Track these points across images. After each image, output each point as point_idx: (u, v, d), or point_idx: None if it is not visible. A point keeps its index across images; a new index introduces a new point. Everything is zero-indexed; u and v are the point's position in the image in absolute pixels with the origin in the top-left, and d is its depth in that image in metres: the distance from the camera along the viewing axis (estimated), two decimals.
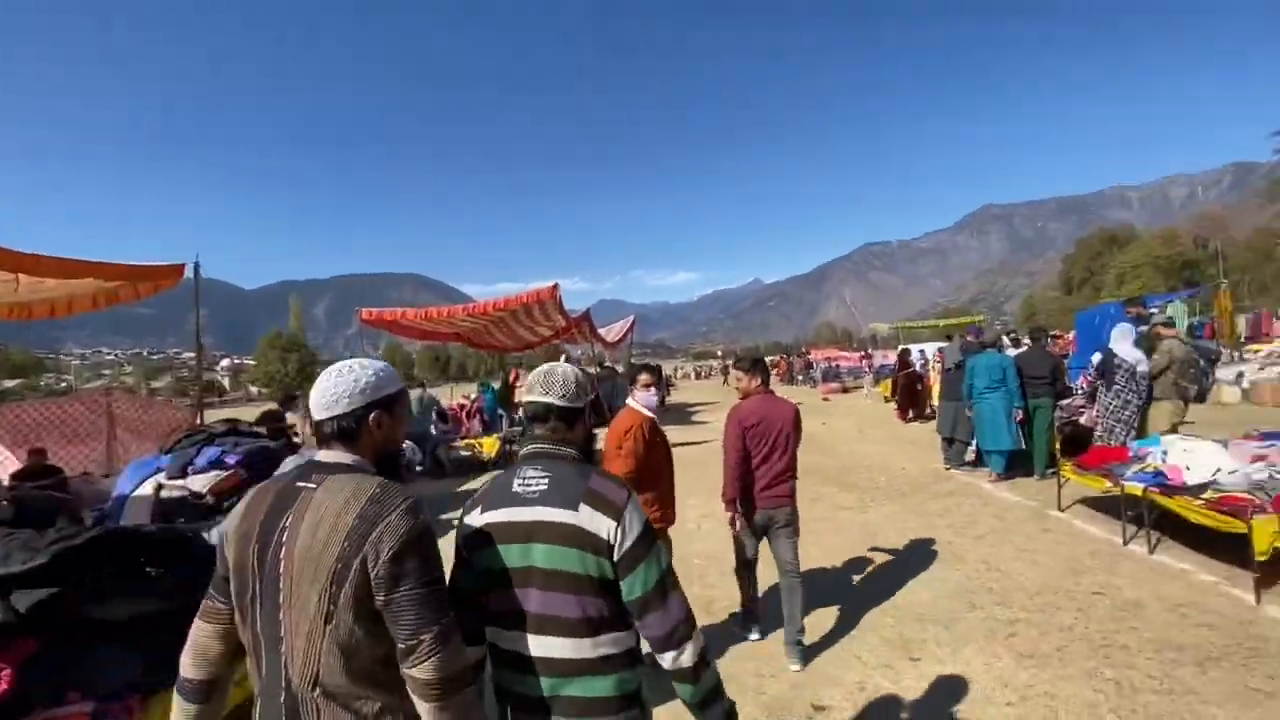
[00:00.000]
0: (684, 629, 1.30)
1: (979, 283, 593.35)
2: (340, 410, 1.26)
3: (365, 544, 1.11)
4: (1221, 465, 4.27)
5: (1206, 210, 75.79)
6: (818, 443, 11.32)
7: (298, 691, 1.13)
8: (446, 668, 1.11)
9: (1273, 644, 3.14)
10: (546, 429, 1.44)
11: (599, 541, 1.27)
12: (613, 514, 1.29)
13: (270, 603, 1.16)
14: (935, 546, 5.09)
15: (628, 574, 1.28)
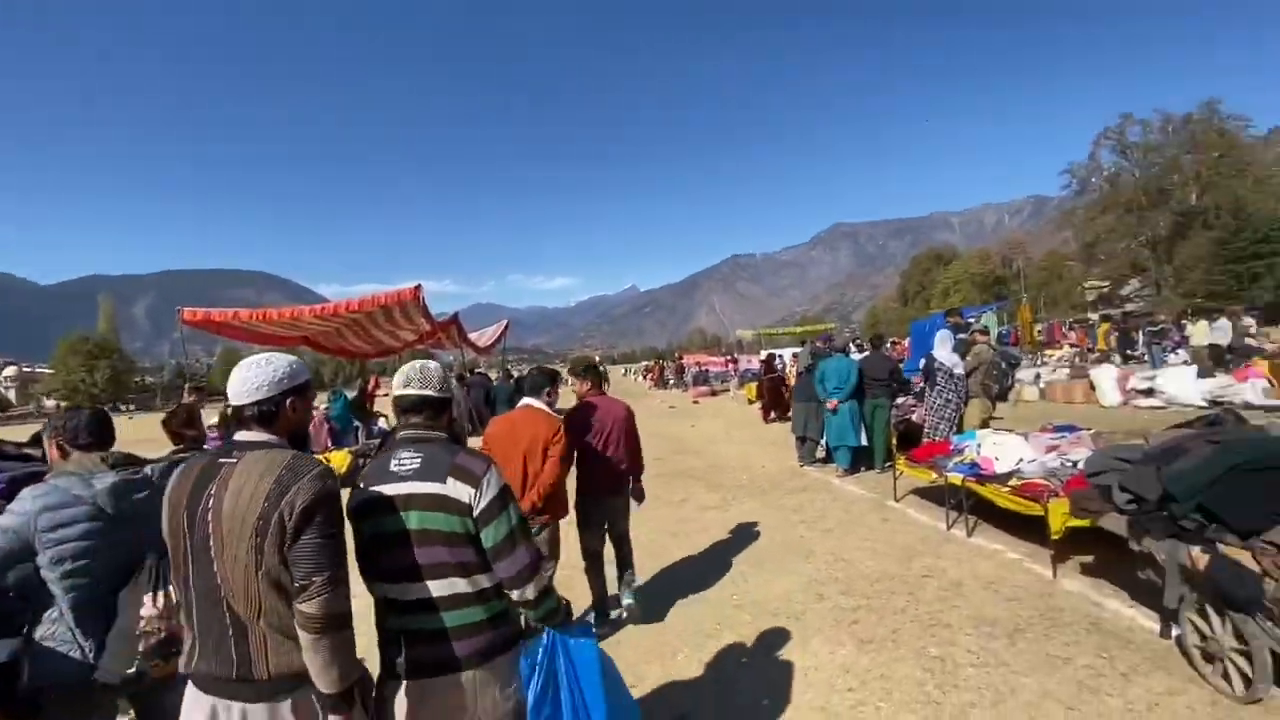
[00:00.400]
0: (527, 572, 1.66)
1: (831, 294, 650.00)
2: (261, 396, 1.48)
3: (282, 500, 1.35)
4: (1024, 455, 4.83)
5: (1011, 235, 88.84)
6: (687, 444, 11.59)
7: (246, 623, 1.37)
8: (331, 607, 1.36)
9: (1067, 613, 3.55)
10: (421, 418, 1.74)
11: (462, 505, 1.60)
12: (473, 482, 1.61)
13: (203, 558, 1.39)
14: (790, 541, 5.32)
15: (484, 528, 1.61)
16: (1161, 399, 10.73)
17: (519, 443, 3.31)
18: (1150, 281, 50.19)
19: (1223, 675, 2.67)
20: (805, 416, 7.88)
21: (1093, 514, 3.44)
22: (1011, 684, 2.90)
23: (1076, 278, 54.74)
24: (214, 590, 1.39)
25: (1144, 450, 3.22)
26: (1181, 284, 44.09)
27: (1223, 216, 42.76)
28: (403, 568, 1.58)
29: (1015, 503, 4.34)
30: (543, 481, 3.28)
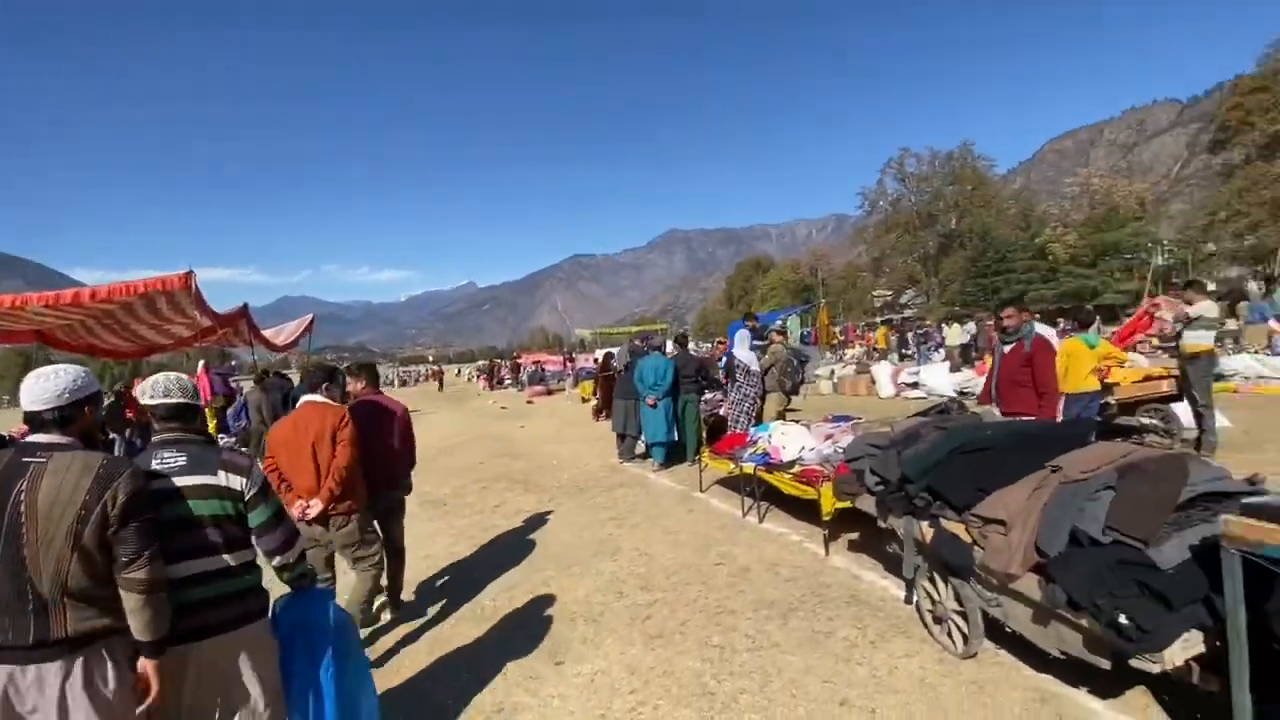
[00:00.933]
0: (286, 545, 2.06)
1: (667, 296, 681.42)
2: (62, 402, 1.76)
3: (104, 494, 1.66)
4: (805, 444, 5.24)
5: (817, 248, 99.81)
6: (514, 446, 11.21)
7: (48, 598, 1.62)
8: (156, 574, 1.72)
9: (833, 589, 3.86)
10: (179, 423, 2.01)
11: (234, 492, 1.95)
12: (243, 473, 1.97)
13: (12, 544, 1.60)
14: (599, 539, 5.26)
15: (251, 511, 1.98)
16: (924, 390, 12.56)
17: (306, 435, 3.32)
18: (922, 291, 59.30)
19: (948, 634, 3.03)
20: (624, 414, 7.95)
21: (851, 496, 3.77)
22: (780, 664, 3.05)
23: (867, 286, 62.89)
24: (19, 571, 1.60)
25: (889, 437, 3.60)
26: (944, 293, 52.69)
27: (974, 239, 51.82)
28: (177, 549, 1.83)
29: (796, 488, 4.67)
30: (337, 466, 3.29)
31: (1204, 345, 6.16)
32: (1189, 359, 6.11)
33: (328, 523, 3.37)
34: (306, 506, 3.27)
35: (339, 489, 3.29)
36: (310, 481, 3.30)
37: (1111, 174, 66.46)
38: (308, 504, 3.27)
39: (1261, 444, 6.26)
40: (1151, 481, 2.30)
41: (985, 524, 2.68)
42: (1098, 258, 43.86)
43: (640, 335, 8.12)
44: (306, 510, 3.26)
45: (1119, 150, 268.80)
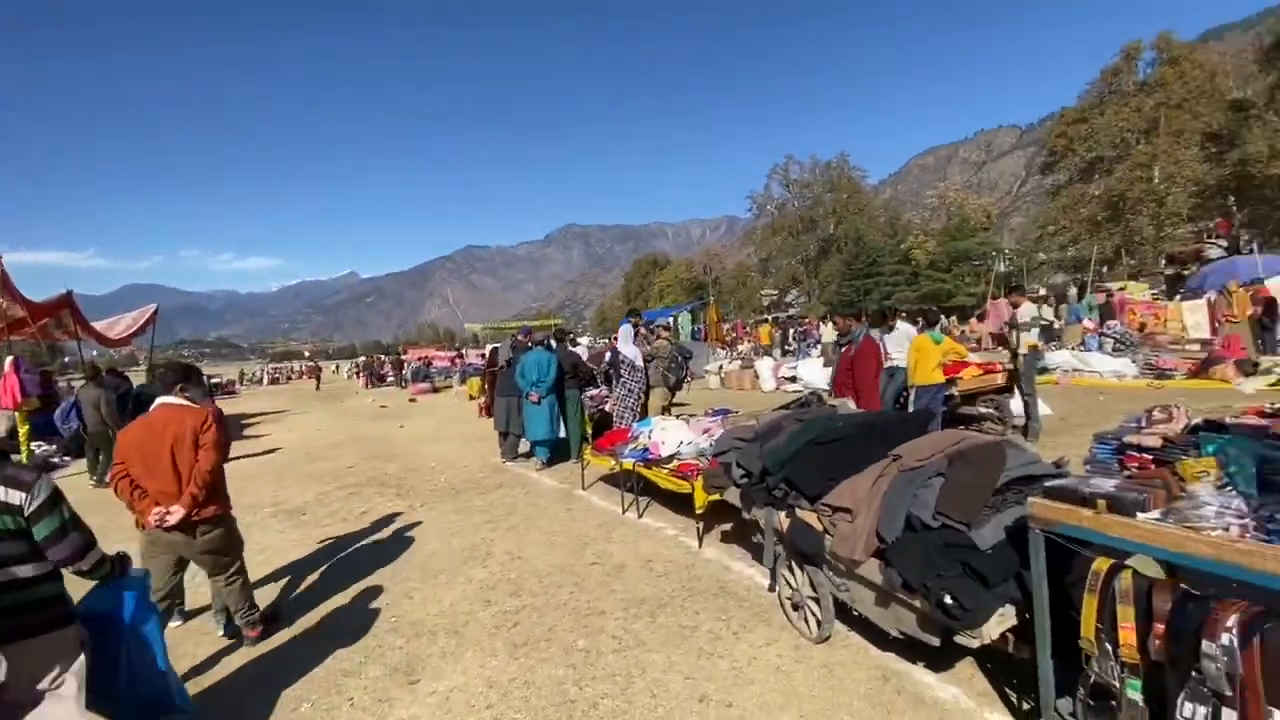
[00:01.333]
0: (79, 553, 2.16)
1: (565, 291, 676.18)
2: None
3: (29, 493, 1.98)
4: (684, 438, 5.29)
5: (711, 247, 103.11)
6: (389, 448, 10.52)
7: None
8: None
9: (703, 581, 3.89)
10: None
11: (13, 507, 2.00)
12: (24, 488, 2.02)
13: None
14: (471, 545, 5.00)
15: (35, 525, 2.04)
16: (801, 384, 13.25)
17: (164, 439, 3.16)
18: (804, 291, 63.00)
19: (804, 620, 3.12)
20: (506, 411, 7.67)
21: (719, 489, 3.83)
22: (644, 663, 3.00)
23: (756, 286, 65.90)
24: None
25: (754, 430, 3.68)
26: (824, 294, 56.32)
27: (849, 244, 55.77)
28: None
29: (672, 483, 4.69)
30: (200, 470, 3.17)
31: (1029, 342, 6.97)
32: (1019, 355, 6.89)
33: (194, 530, 3.23)
34: (166, 512, 3.10)
35: (202, 494, 3.18)
36: (169, 486, 3.16)
37: (964, 189, 74.04)
38: (167, 510, 3.11)
39: (1074, 429, 7.13)
40: (974, 468, 2.49)
41: (834, 512, 2.78)
42: (952, 263, 48.73)
43: (522, 329, 7.87)
44: (165, 517, 3.10)
45: (971, 167, 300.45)
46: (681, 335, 20.44)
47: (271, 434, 13.79)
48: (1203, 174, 38.98)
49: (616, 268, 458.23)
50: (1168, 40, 42.08)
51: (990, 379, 6.93)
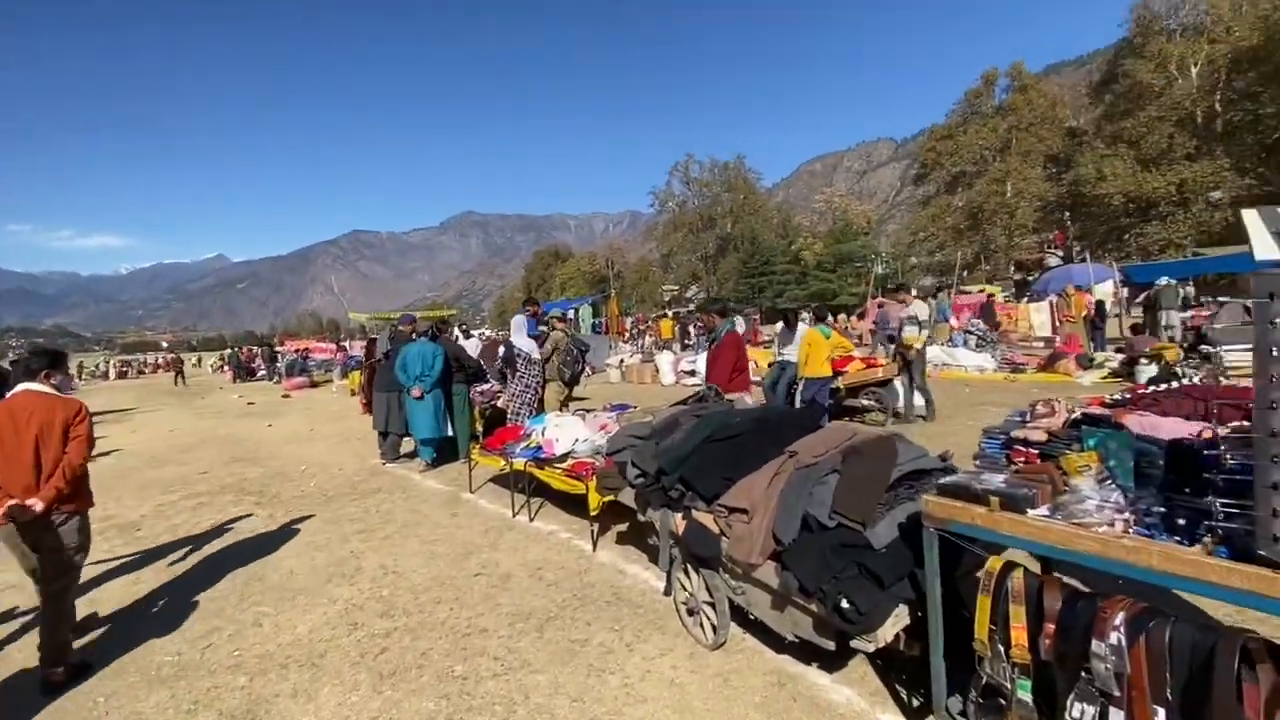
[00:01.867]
0: None
1: (462, 281, 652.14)
2: None
3: None
4: (579, 435, 5.03)
5: (614, 241, 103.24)
6: (254, 449, 9.43)
7: None
8: None
9: (596, 589, 3.66)
10: None
11: None
12: None
13: None
14: (338, 559, 4.46)
15: None
16: (699, 378, 13.42)
17: (27, 428, 3.02)
18: (704, 287, 64.65)
19: (700, 626, 2.98)
20: (386, 408, 7.03)
21: (613, 490, 3.62)
22: (528, 687, 2.73)
23: (658, 281, 66.80)
24: None
25: (651, 427, 3.50)
26: (721, 290, 58.08)
27: (745, 243, 57.85)
28: None
29: (565, 483, 4.42)
30: (70, 464, 3.05)
31: (911, 339, 7.41)
32: (908, 349, 7.32)
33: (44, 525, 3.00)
34: (22, 505, 2.90)
35: (69, 489, 3.06)
36: (28, 479, 3.00)
37: (848, 195, 79.20)
38: (23, 501, 2.92)
39: (946, 419, 7.62)
40: (867, 463, 2.44)
41: (730, 513, 2.65)
42: (837, 264, 51.88)
43: (404, 318, 7.24)
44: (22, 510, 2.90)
45: (854, 176, 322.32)
46: (582, 328, 20.13)
47: (110, 435, 11.97)
48: (1045, 191, 44.04)
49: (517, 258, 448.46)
50: (1019, 69, 47.10)
51: (873, 373, 7.27)
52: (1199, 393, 4.98)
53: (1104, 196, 37.92)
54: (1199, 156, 34.92)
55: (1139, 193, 36.06)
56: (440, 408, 6.62)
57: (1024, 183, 43.95)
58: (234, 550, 4.85)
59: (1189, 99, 35.72)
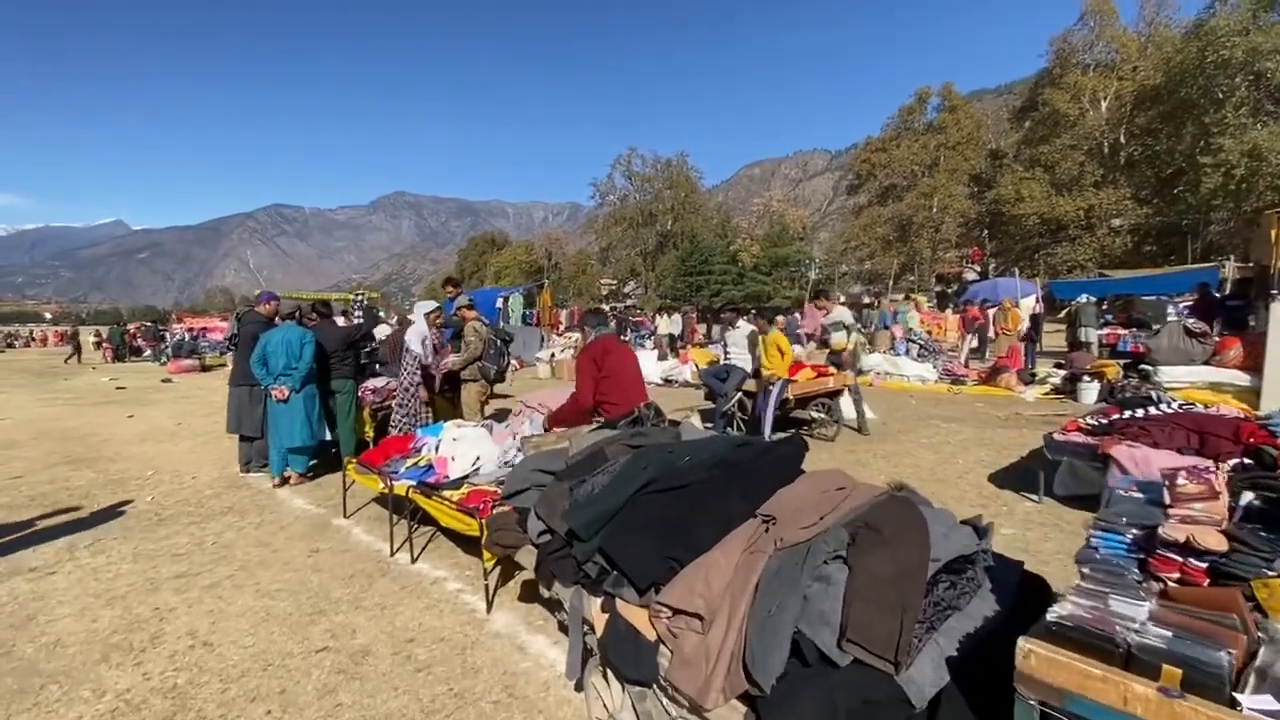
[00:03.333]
0: None
1: (392, 263, 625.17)
2: None
3: None
4: (481, 453, 4.01)
5: (553, 232, 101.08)
6: (93, 448, 7.78)
7: None
8: None
9: (483, 677, 2.67)
10: None
11: None
12: None
13: None
14: (137, 618, 3.26)
15: None
16: None
17: None
18: (642, 283, 64.03)
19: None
20: (239, 407, 5.71)
21: (507, 548, 2.64)
22: None
23: (596, 274, 65.66)
24: None
25: (565, 459, 2.56)
26: (659, 287, 57.67)
27: (684, 241, 57.64)
28: None
29: (456, 519, 3.40)
30: None
31: (841, 343, 6.98)
32: (834, 353, 6.86)
33: None
34: None
35: None
36: None
37: (785, 201, 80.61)
38: None
39: (898, 434, 7.07)
40: (891, 552, 1.59)
41: (675, 615, 1.75)
42: (773, 267, 52.49)
43: (263, 295, 5.94)
44: None
45: (790, 183, 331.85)
46: (513, 318, 18.87)
47: None
48: (968, 208, 46.06)
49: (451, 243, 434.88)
50: (949, 90, 49.10)
51: (823, 382, 6.61)
52: (1189, 422, 4.51)
53: (1021, 216, 39.96)
54: (1104, 185, 37.28)
55: (1051, 215, 38.18)
56: (314, 408, 5.39)
57: (949, 199, 45.81)
58: (13, 590, 3.54)
59: (1099, 130, 38.10)
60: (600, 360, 3.76)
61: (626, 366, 3.93)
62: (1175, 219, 33.60)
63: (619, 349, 3.99)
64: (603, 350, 3.81)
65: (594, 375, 3.75)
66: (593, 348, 3.88)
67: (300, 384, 5.23)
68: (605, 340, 3.91)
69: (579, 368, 3.90)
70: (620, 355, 3.91)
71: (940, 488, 5.01)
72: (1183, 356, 7.83)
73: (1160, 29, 37.51)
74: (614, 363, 3.79)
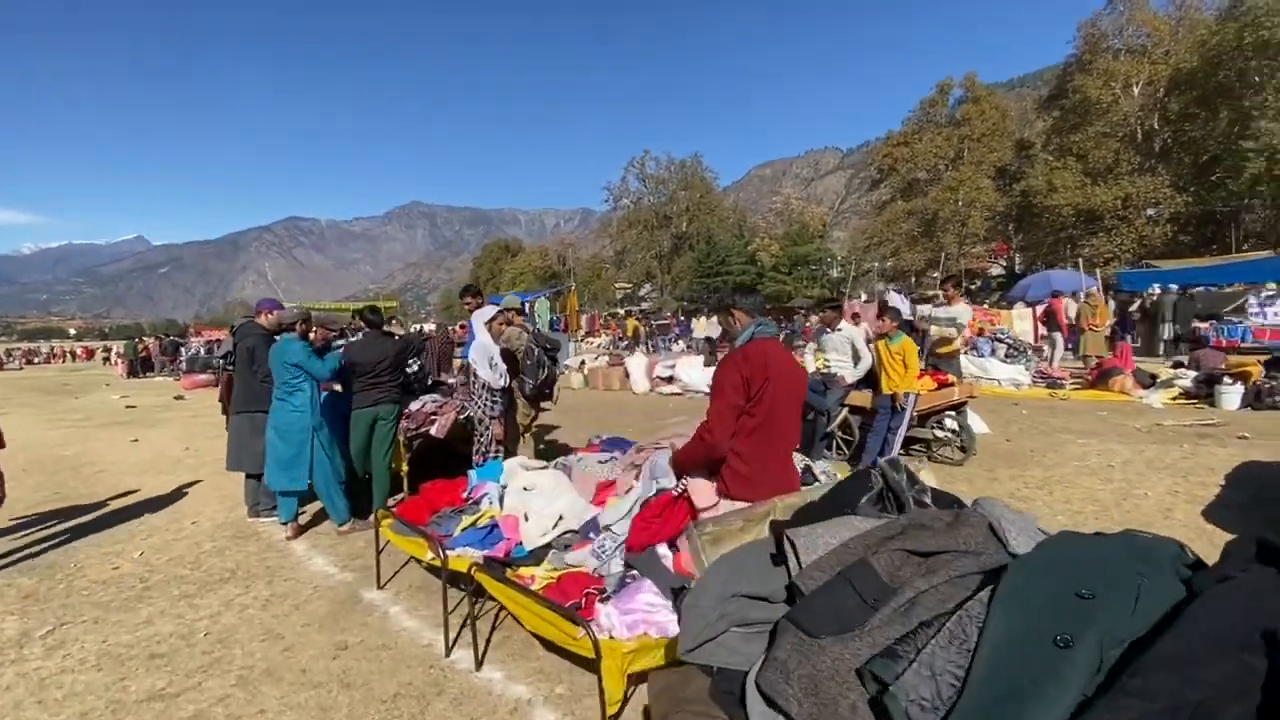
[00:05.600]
0: None
1: (407, 273, 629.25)
2: None
3: None
4: (563, 508, 2.93)
5: (566, 237, 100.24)
6: (90, 481, 6.83)
7: None
8: None
9: None
10: None
11: None
12: None
13: None
14: None
15: None
16: (679, 386, 11.45)
17: None
18: (658, 286, 62.97)
19: None
20: (240, 439, 4.67)
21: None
22: None
23: (611, 278, 64.72)
24: None
25: (804, 578, 1.41)
26: (676, 289, 56.58)
27: (700, 242, 56.54)
28: None
29: (544, 621, 2.31)
30: None
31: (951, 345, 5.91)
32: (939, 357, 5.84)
33: None
34: None
35: None
36: None
37: (802, 199, 79.16)
38: None
39: (1029, 453, 5.88)
40: None
41: None
42: (793, 267, 51.14)
43: (263, 302, 4.90)
44: None
45: (801, 182, 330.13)
46: (539, 324, 17.85)
47: None
48: (995, 201, 44.45)
49: (465, 251, 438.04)
50: (973, 80, 47.55)
51: (948, 393, 5.44)
52: None
53: (1054, 207, 38.28)
54: (1142, 172, 35.60)
55: (1086, 205, 36.48)
56: (325, 440, 4.28)
57: (976, 192, 44.14)
58: None
59: (1133, 116, 36.45)
60: (752, 380, 2.22)
61: (792, 405, 2.37)
62: (1215, 206, 31.90)
63: (788, 365, 2.39)
64: (763, 362, 2.24)
65: (739, 405, 2.24)
66: (748, 355, 2.27)
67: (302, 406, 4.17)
68: (767, 345, 2.32)
69: (718, 384, 2.30)
70: (788, 381, 2.32)
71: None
72: None
73: (1192, 11, 35.83)
74: (778, 393, 2.25)
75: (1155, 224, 35.42)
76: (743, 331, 2.36)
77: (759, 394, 2.19)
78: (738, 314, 2.43)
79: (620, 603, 2.19)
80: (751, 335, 2.32)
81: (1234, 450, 5.41)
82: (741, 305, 2.43)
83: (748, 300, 2.43)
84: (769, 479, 2.20)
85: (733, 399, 2.21)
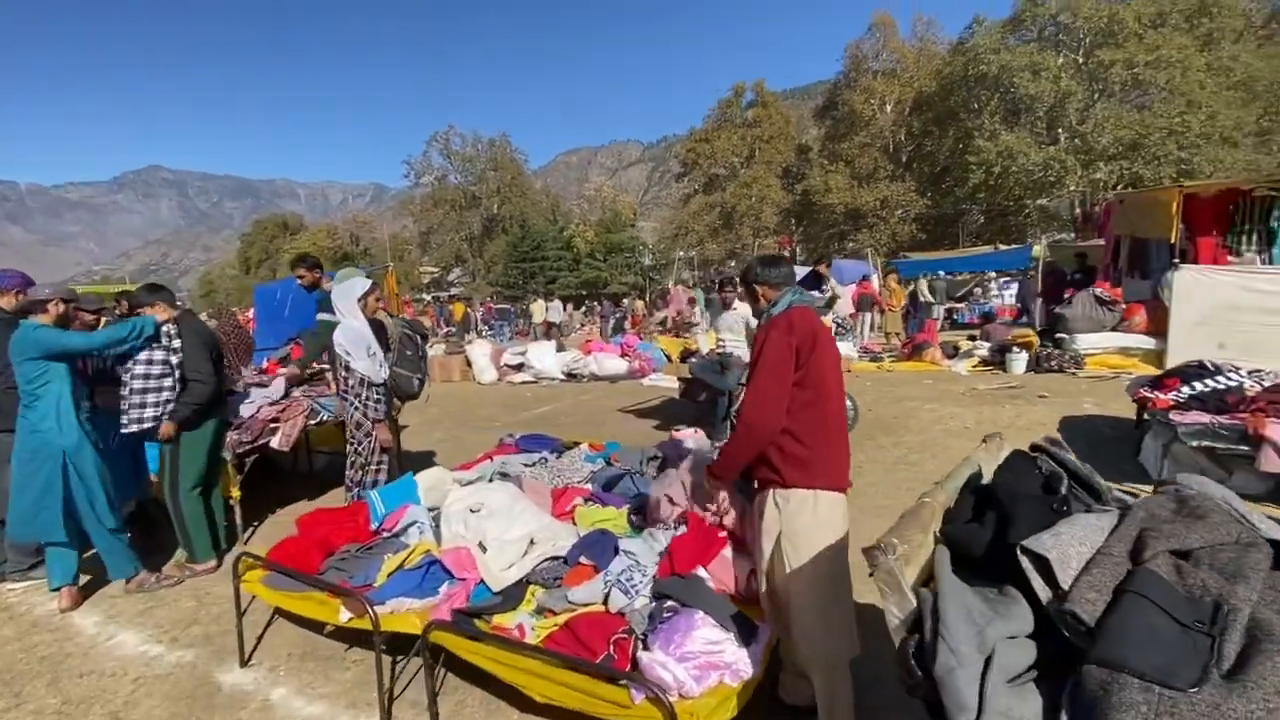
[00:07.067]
0: None
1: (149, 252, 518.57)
2: None
3: None
4: (533, 531, 2.32)
5: (359, 215, 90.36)
6: None
7: None
8: None
9: None
10: None
11: None
12: None
13: None
14: None
15: None
16: (532, 374, 10.77)
17: None
18: (469, 271, 59.90)
19: None
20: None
21: None
22: None
23: (415, 261, 59.96)
24: None
25: (1081, 593, 1.04)
26: (489, 274, 54.37)
27: (514, 226, 54.91)
28: None
29: (571, 687, 1.74)
30: None
31: None
32: None
33: None
34: None
35: None
36: None
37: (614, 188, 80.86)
38: None
39: (891, 420, 6.39)
40: None
41: None
42: (608, 254, 52.13)
43: (4, 278, 3.38)
44: None
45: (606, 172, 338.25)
46: None
47: None
48: (782, 198, 49.64)
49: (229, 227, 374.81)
50: (761, 86, 52.51)
51: None
52: None
53: (829, 206, 43.98)
54: (894, 179, 42.45)
55: (854, 204, 42.54)
56: (57, 472, 2.96)
57: (766, 189, 48.88)
58: None
59: (888, 129, 43.22)
60: (802, 349, 1.91)
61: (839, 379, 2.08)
62: (946, 209, 39.43)
63: (830, 336, 2.09)
64: (810, 329, 1.95)
65: (790, 380, 1.91)
66: (793, 323, 1.96)
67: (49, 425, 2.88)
68: (806, 313, 2.02)
69: (764, 358, 1.94)
70: (833, 352, 2.04)
71: None
72: (1094, 324, 8.29)
73: (930, 43, 43.49)
74: (825, 364, 1.95)
75: (904, 222, 42.38)
76: (779, 299, 2.00)
77: (808, 364, 1.87)
78: (762, 289, 2.06)
79: (669, 646, 1.71)
80: (790, 304, 1.98)
81: (1045, 408, 6.45)
82: (767, 279, 2.06)
83: (775, 272, 2.07)
84: (826, 461, 1.89)
85: (782, 373, 1.85)
